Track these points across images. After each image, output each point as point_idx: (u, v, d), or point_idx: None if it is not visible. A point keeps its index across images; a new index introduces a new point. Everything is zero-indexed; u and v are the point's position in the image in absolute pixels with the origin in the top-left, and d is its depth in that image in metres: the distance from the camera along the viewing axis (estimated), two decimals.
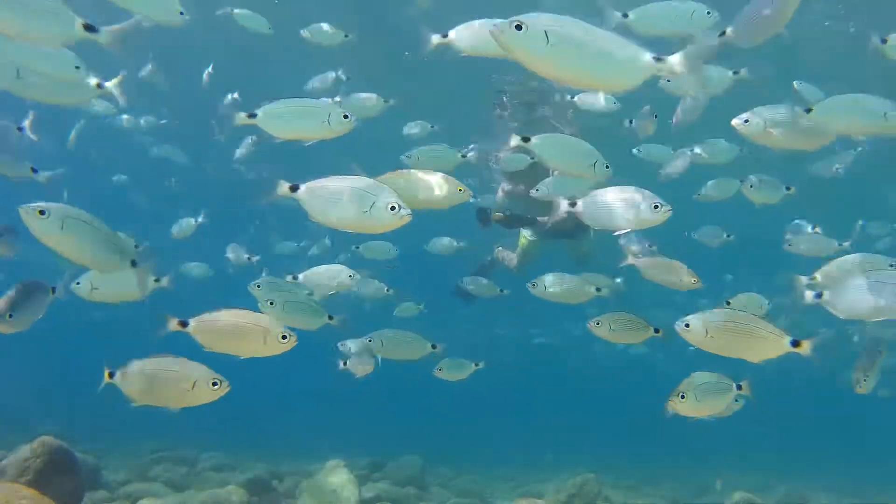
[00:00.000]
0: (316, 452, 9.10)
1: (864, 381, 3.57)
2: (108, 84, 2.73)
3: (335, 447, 8.11)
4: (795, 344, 2.50)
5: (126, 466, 7.98)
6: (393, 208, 2.24)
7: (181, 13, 2.96)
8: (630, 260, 3.94)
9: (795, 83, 4.12)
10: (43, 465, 3.83)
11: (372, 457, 9.02)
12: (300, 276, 4.05)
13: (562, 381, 24.90)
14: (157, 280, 2.97)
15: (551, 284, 3.92)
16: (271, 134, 2.63)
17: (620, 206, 2.77)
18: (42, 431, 4.28)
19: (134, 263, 2.68)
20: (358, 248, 5.24)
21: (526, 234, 7.08)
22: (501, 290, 5.71)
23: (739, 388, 2.91)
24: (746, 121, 2.90)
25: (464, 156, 3.99)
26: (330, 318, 3.31)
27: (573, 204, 2.83)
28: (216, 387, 2.56)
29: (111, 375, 2.63)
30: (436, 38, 2.66)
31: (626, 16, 2.90)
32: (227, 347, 2.68)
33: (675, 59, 1.86)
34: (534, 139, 2.93)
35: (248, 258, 6.98)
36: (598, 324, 3.43)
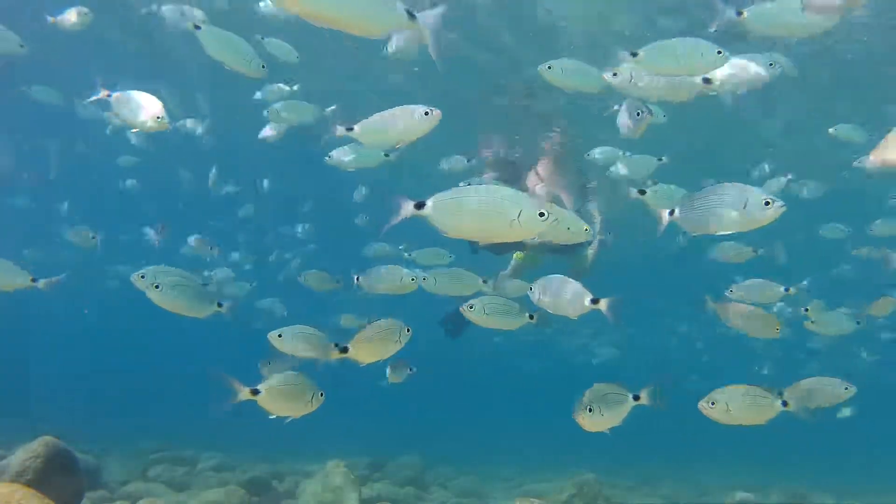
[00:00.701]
0: (316, 452, 9.10)
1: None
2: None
3: (335, 447, 8.11)
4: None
5: (126, 466, 7.98)
6: (542, 215, 2.21)
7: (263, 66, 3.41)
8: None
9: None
10: (43, 465, 3.83)
11: (372, 457, 9.02)
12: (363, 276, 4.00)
13: (562, 382, 24.88)
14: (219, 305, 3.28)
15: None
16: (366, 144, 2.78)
17: (725, 205, 2.53)
18: (42, 431, 4.28)
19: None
20: (410, 254, 5.19)
21: (518, 253, 7.09)
22: None
23: (637, 398, 2.90)
24: (615, 74, 3.14)
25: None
26: (219, 305, 3.22)
27: (672, 212, 2.67)
28: (321, 397, 2.95)
29: (255, 393, 2.80)
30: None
31: (634, 54, 2.88)
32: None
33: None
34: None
35: (211, 248, 7.15)
36: (471, 307, 3.35)
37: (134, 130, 3.35)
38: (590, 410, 2.88)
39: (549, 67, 3.45)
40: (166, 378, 21.36)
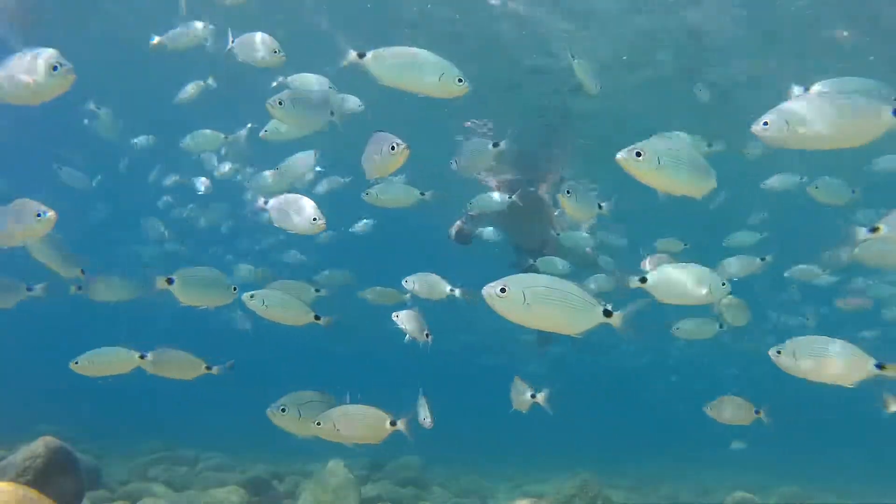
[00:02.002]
0: (316, 452, 9.08)
1: None
2: None
3: (335, 447, 8.09)
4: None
5: (126, 466, 7.98)
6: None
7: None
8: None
9: None
10: (43, 465, 3.83)
11: (372, 457, 9.02)
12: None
13: (561, 381, 24.86)
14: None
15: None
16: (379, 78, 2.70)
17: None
18: (42, 431, 4.28)
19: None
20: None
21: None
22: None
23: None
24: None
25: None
26: (317, 317, 3.44)
27: (643, 280, 2.93)
28: (235, 291, 3.32)
29: (169, 281, 3.14)
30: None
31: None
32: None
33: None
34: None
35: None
36: (406, 281, 3.57)
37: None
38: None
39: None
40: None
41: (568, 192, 3.74)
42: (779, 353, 2.70)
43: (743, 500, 7.22)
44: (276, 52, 3.75)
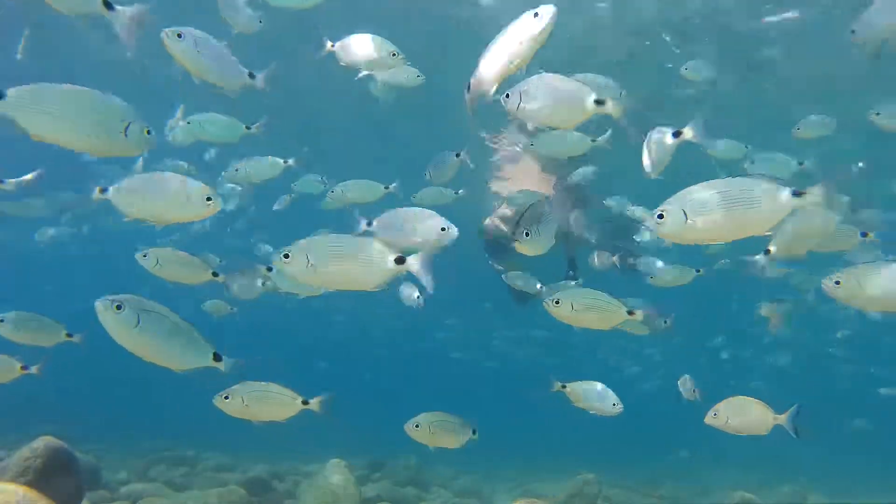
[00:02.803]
0: (316, 452, 9.10)
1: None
2: None
3: (335, 447, 8.10)
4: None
5: (126, 466, 7.98)
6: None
7: None
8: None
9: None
10: (43, 465, 3.83)
11: (372, 457, 9.02)
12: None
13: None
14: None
15: None
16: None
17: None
18: (42, 431, 4.28)
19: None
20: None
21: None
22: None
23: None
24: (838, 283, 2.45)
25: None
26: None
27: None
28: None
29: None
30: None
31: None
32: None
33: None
34: None
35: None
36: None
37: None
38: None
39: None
40: (166, 377, 21.28)
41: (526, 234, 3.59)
42: (837, 283, 2.40)
43: (743, 500, 7.22)
44: (394, 54, 3.36)
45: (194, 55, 2.73)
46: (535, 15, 2.30)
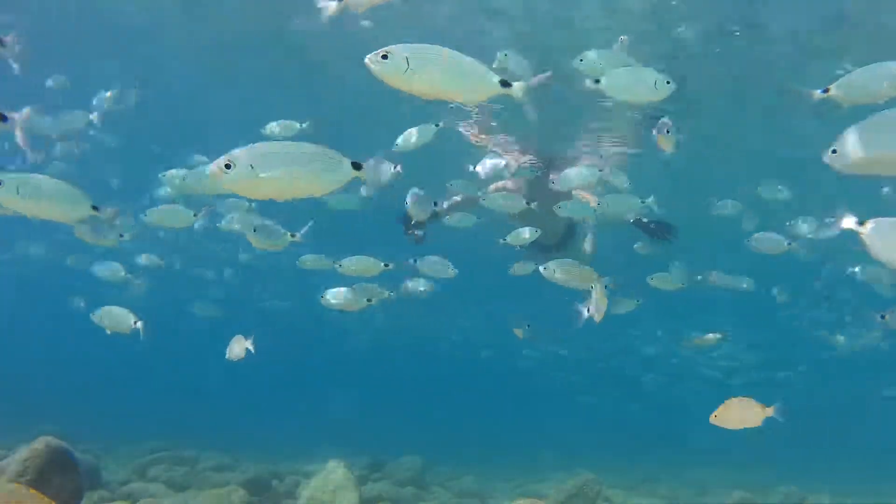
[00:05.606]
0: (316, 452, 9.10)
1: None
2: None
3: (335, 447, 8.11)
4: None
5: (126, 466, 7.98)
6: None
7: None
8: None
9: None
10: (43, 465, 3.83)
11: (372, 457, 9.03)
12: None
13: (561, 382, 24.90)
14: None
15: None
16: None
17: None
18: (42, 431, 4.28)
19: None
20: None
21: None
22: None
23: None
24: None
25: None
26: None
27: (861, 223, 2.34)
28: None
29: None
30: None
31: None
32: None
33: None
34: None
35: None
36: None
37: None
38: None
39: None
40: (166, 378, 21.39)
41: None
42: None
43: (743, 500, 7.23)
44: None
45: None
46: None
